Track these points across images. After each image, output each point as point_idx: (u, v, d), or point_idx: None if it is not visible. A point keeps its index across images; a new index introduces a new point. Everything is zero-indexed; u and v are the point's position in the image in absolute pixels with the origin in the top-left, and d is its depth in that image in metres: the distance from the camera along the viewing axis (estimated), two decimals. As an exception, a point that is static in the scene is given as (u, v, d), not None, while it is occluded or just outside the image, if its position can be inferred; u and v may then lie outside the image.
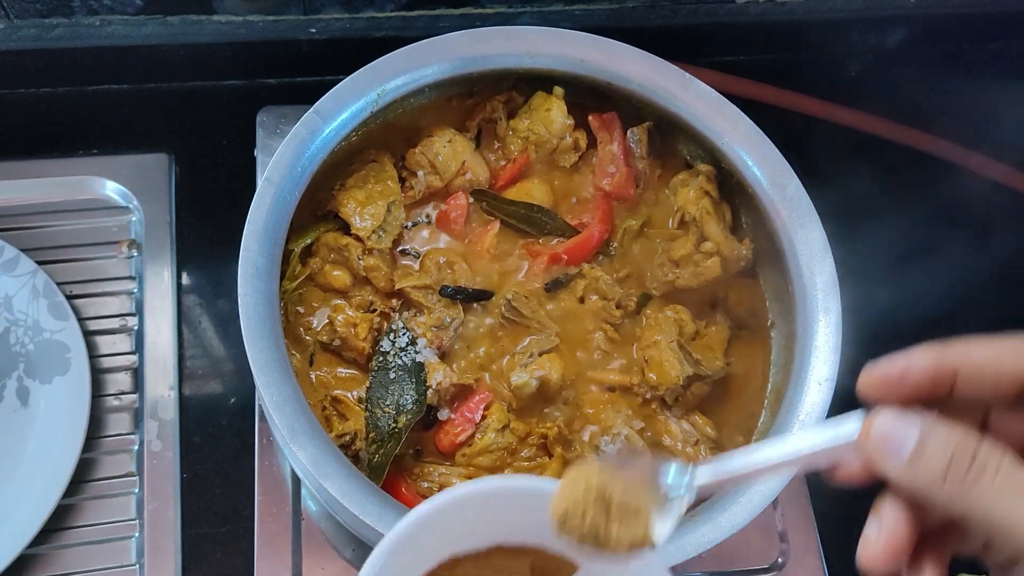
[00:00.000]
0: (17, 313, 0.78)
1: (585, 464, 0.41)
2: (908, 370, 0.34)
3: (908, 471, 0.32)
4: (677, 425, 0.68)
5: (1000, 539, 0.30)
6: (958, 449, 0.30)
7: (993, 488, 0.30)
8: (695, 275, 0.71)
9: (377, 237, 0.69)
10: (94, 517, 0.74)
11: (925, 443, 0.31)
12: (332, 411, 0.66)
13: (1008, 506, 0.29)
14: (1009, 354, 0.33)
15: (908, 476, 0.32)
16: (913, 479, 0.32)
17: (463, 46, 0.70)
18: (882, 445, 0.32)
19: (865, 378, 0.35)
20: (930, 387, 0.33)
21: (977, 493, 0.30)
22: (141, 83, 0.90)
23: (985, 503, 0.30)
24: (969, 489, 0.30)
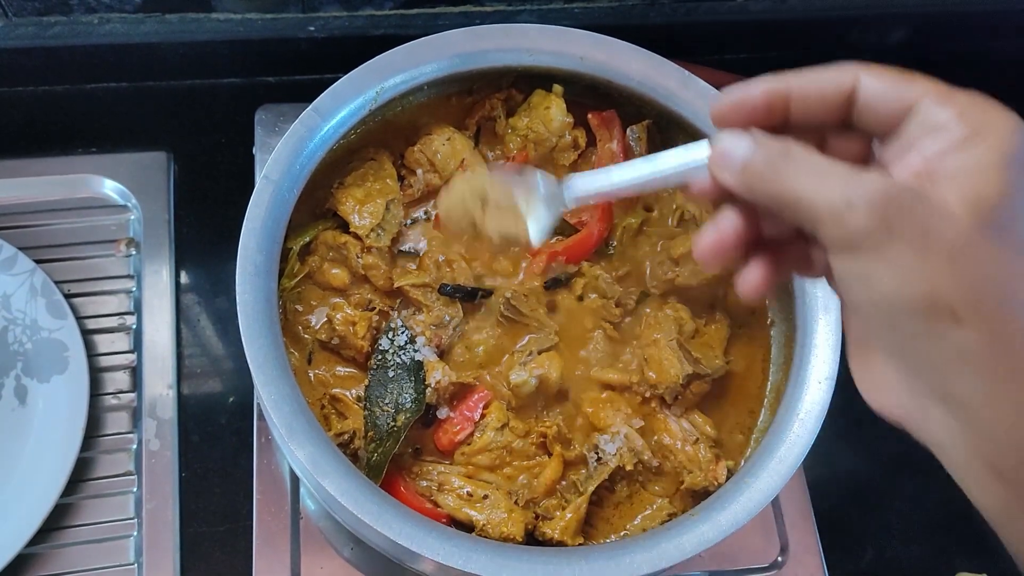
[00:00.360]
0: (15, 312, 0.78)
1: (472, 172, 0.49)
2: (745, 97, 0.39)
3: (739, 176, 0.38)
4: (676, 424, 0.68)
5: (799, 211, 0.36)
6: (775, 148, 0.37)
7: (796, 169, 0.36)
8: (695, 273, 0.71)
9: (376, 235, 0.69)
10: (92, 516, 0.74)
11: (753, 151, 0.37)
12: (331, 410, 0.66)
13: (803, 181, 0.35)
14: (831, 76, 0.38)
15: (740, 180, 0.38)
16: (743, 181, 0.38)
17: (462, 44, 0.70)
18: (721, 159, 0.38)
19: (711, 106, 0.40)
20: (766, 112, 0.39)
21: (784, 175, 0.36)
22: (140, 81, 0.90)
23: (789, 181, 0.36)
24: (778, 173, 0.36)
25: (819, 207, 0.35)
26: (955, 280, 0.33)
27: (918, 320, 0.34)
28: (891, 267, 0.34)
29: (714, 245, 0.40)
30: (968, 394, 0.34)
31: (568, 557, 0.57)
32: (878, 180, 0.34)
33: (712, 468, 0.66)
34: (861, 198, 0.34)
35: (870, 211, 0.33)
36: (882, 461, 0.86)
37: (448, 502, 0.64)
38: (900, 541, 0.83)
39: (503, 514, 0.63)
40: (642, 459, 0.66)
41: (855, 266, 0.35)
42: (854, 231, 0.34)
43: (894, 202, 0.33)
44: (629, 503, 0.67)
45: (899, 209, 0.33)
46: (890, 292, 0.34)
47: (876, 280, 0.34)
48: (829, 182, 0.35)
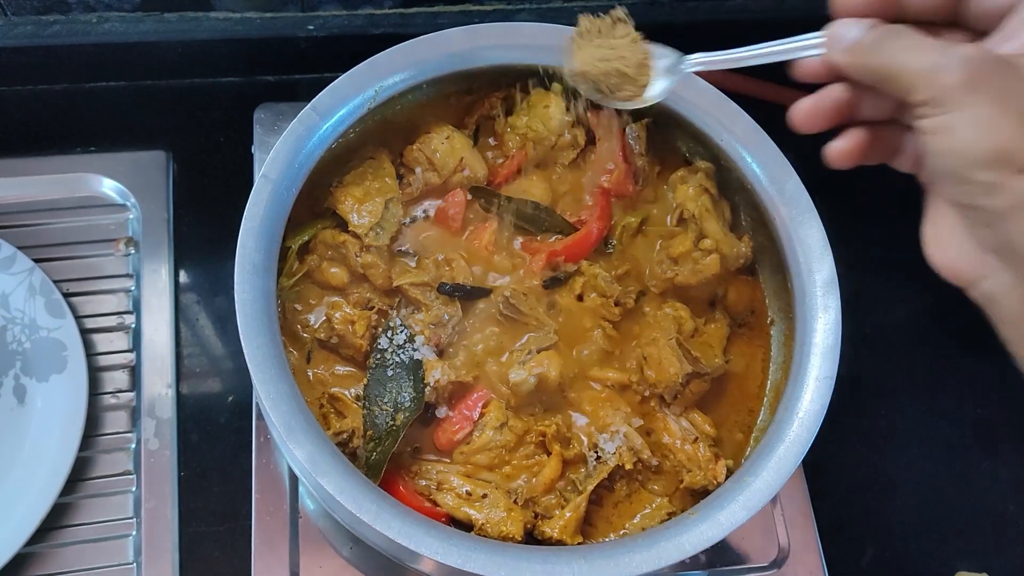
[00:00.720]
0: (14, 311, 0.78)
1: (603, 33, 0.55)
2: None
3: (849, 52, 0.42)
4: (676, 422, 0.68)
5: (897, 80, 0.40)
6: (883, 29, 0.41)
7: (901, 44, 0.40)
8: (694, 272, 0.71)
9: (375, 234, 0.69)
10: (91, 515, 0.74)
11: (863, 33, 0.42)
12: (329, 409, 0.66)
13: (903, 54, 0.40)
14: None
15: (849, 56, 0.42)
16: (851, 57, 0.42)
17: (461, 43, 0.70)
18: (835, 39, 0.43)
19: None
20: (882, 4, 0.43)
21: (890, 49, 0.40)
22: (138, 80, 0.90)
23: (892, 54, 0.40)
24: (886, 47, 0.41)
25: (915, 71, 0.39)
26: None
27: (988, 169, 0.37)
28: (971, 120, 0.37)
29: (809, 109, 0.45)
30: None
31: (567, 556, 0.56)
32: (970, 48, 0.39)
33: (711, 467, 0.66)
34: (951, 61, 0.38)
35: (959, 70, 0.38)
36: (882, 460, 0.86)
37: (447, 501, 0.64)
38: (900, 540, 0.83)
39: (502, 513, 0.63)
40: (641, 458, 0.66)
41: (939, 121, 0.38)
42: (943, 88, 0.38)
43: (982, 64, 0.38)
44: (628, 502, 0.67)
45: (985, 71, 0.37)
46: (967, 142, 0.38)
47: (957, 131, 0.38)
48: (928, 51, 0.39)
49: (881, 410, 0.88)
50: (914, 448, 0.87)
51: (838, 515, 0.80)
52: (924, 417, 0.88)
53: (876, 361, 0.89)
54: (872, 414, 0.88)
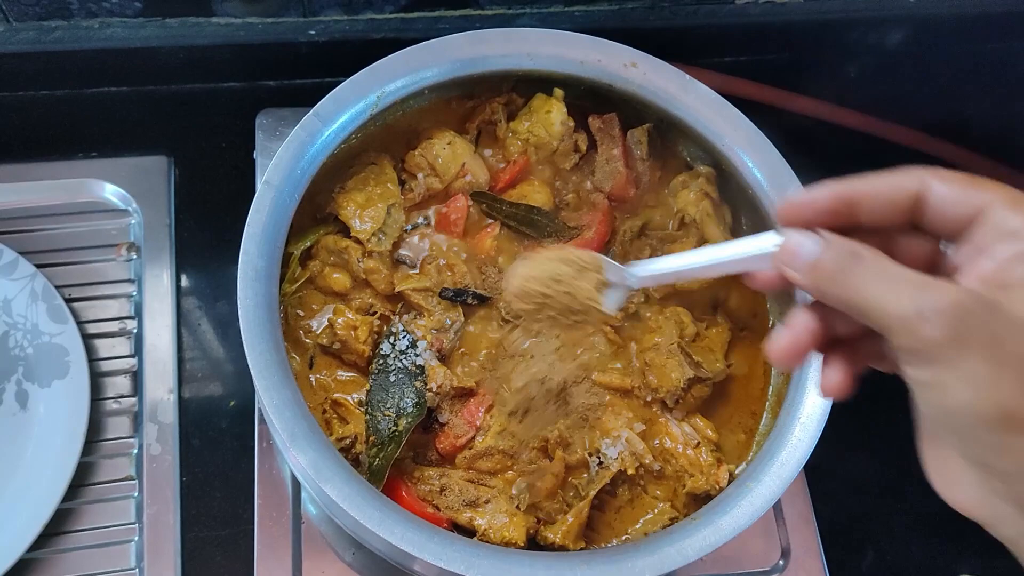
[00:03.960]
0: (16, 316, 0.78)
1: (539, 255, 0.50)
2: (813, 199, 0.40)
3: (808, 276, 0.38)
4: (678, 427, 0.68)
5: (871, 318, 0.36)
6: (844, 250, 0.37)
7: (865, 275, 0.36)
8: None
9: (377, 240, 0.69)
10: (93, 521, 0.74)
11: (822, 251, 0.38)
12: (332, 414, 0.66)
13: (874, 288, 0.36)
14: (898, 181, 0.39)
15: (808, 278, 0.38)
16: (811, 282, 0.38)
17: (462, 48, 0.70)
18: (788, 256, 0.39)
19: (780, 206, 0.41)
20: (833, 213, 0.39)
21: (854, 279, 0.36)
22: (140, 85, 0.90)
23: (859, 286, 0.36)
24: (848, 277, 0.37)
25: (890, 316, 0.35)
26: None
27: (993, 432, 0.34)
28: (965, 379, 0.34)
29: (789, 348, 0.41)
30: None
31: (570, 561, 0.57)
32: (950, 290, 0.34)
33: (714, 472, 0.66)
34: (933, 309, 0.34)
35: (942, 323, 0.33)
36: (884, 464, 0.86)
37: (450, 506, 0.64)
38: (902, 544, 0.83)
39: (505, 518, 0.63)
40: (643, 463, 0.66)
41: (928, 375, 0.35)
42: (927, 342, 0.34)
43: (967, 313, 0.33)
44: (631, 507, 0.67)
45: (972, 321, 0.33)
46: (964, 404, 0.34)
47: (950, 391, 0.34)
48: (900, 290, 0.35)
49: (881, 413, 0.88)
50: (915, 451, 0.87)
51: (840, 518, 0.80)
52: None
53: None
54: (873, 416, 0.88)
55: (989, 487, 0.37)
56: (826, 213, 0.39)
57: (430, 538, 0.55)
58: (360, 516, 0.55)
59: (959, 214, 0.37)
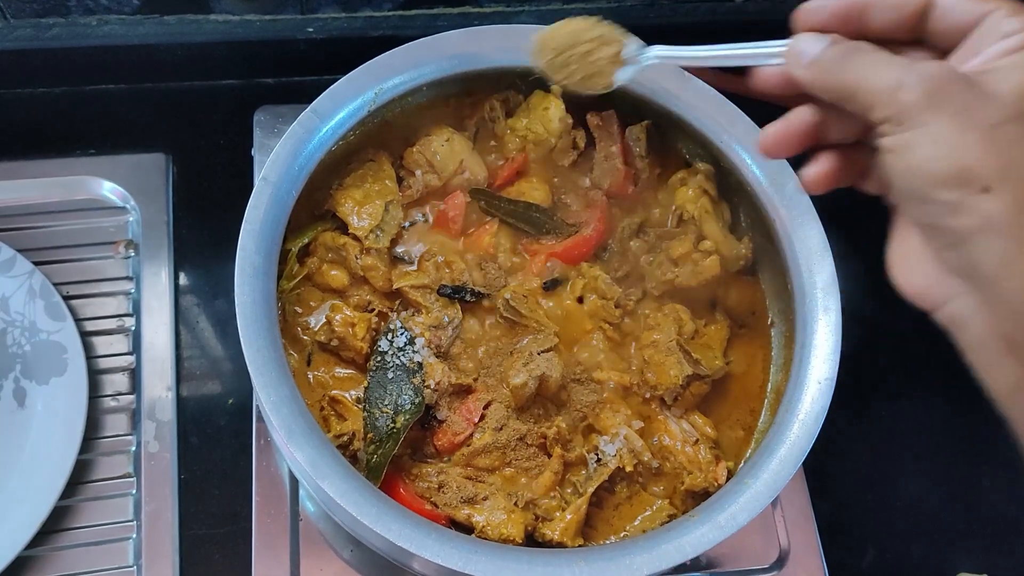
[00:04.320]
0: (14, 314, 0.78)
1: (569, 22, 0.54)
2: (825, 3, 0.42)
3: (809, 68, 0.41)
4: (676, 425, 0.68)
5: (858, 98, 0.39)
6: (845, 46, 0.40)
7: (862, 60, 0.39)
8: (694, 274, 0.71)
9: (375, 236, 0.69)
10: (91, 518, 0.74)
11: (824, 49, 0.41)
12: (330, 411, 0.66)
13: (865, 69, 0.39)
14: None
15: (809, 72, 0.41)
16: (811, 73, 0.41)
17: (461, 45, 0.70)
18: (796, 53, 0.42)
19: (797, 13, 0.43)
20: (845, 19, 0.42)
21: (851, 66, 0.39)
22: (138, 83, 0.90)
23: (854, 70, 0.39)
24: (846, 64, 0.39)
25: (876, 88, 0.38)
26: (989, 154, 0.36)
27: (950, 189, 0.37)
28: (932, 138, 0.37)
29: (776, 135, 0.44)
30: (991, 264, 0.37)
31: (568, 558, 0.56)
32: (932, 65, 0.38)
33: (712, 469, 0.66)
34: (913, 78, 0.37)
35: (919, 89, 0.37)
36: (883, 461, 0.86)
37: (447, 503, 0.63)
38: (901, 541, 0.83)
39: (503, 515, 0.63)
40: (642, 460, 0.66)
41: (900, 139, 0.38)
42: (903, 106, 0.37)
43: (943, 83, 0.37)
44: (629, 504, 0.67)
45: (946, 88, 0.36)
46: (928, 161, 0.37)
47: (918, 149, 0.37)
48: (888, 68, 0.38)
49: (882, 411, 0.88)
50: (915, 449, 0.87)
51: (839, 516, 0.80)
52: (925, 418, 0.88)
53: (877, 362, 0.89)
54: (873, 415, 0.88)
55: (941, 259, 0.39)
56: (838, 18, 0.42)
57: (428, 535, 0.55)
58: (358, 513, 0.55)
59: (963, 21, 0.39)
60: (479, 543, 0.58)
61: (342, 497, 0.55)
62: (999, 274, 0.36)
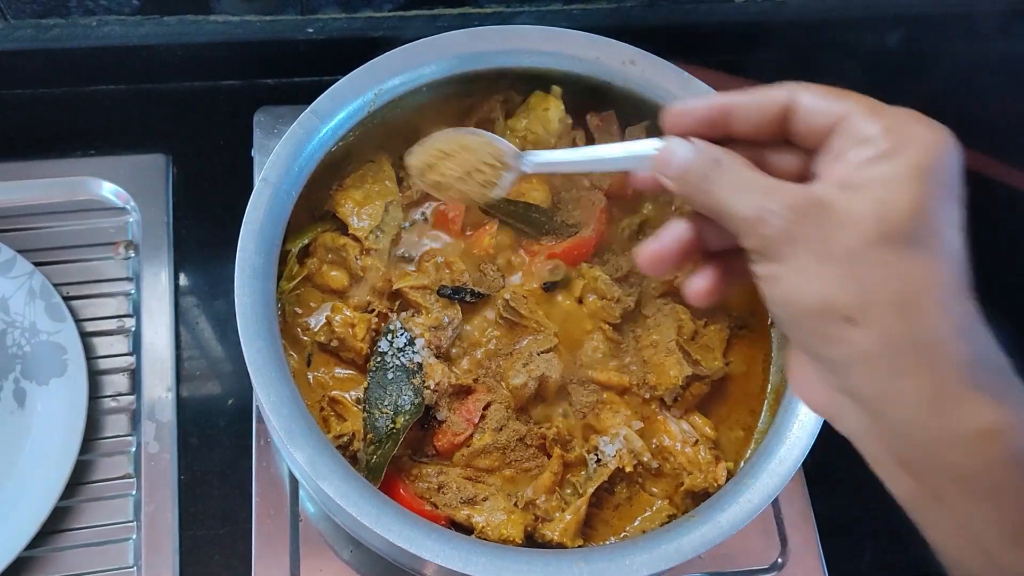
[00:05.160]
0: (14, 315, 0.78)
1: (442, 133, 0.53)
2: (693, 108, 0.42)
3: (678, 180, 0.41)
4: (676, 425, 0.68)
5: (725, 221, 0.39)
6: (708, 157, 0.40)
7: (722, 180, 0.39)
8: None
9: (375, 237, 0.69)
10: (91, 519, 0.74)
11: (690, 157, 0.40)
12: (330, 412, 0.66)
13: (727, 192, 0.39)
14: (770, 92, 0.40)
15: (678, 184, 0.41)
16: (680, 185, 0.41)
17: (460, 45, 0.70)
18: (664, 161, 0.42)
19: (664, 113, 0.43)
20: (709, 123, 0.41)
21: (713, 185, 0.39)
22: (138, 83, 0.90)
23: (717, 191, 0.39)
24: (709, 183, 0.39)
25: (737, 218, 0.38)
26: (850, 285, 0.35)
27: (817, 321, 0.37)
28: (794, 272, 0.37)
29: (652, 255, 0.44)
30: (869, 391, 0.37)
31: (568, 559, 0.56)
32: (790, 192, 0.37)
33: (712, 470, 0.66)
34: (771, 209, 0.37)
35: (777, 222, 0.37)
36: (882, 462, 0.86)
37: (447, 504, 0.63)
38: (900, 542, 0.83)
39: (502, 516, 0.63)
40: (642, 461, 0.66)
41: (767, 270, 0.38)
42: (765, 240, 0.37)
43: (800, 213, 0.36)
44: (629, 505, 0.67)
45: (805, 220, 0.36)
46: (792, 294, 0.37)
47: (782, 283, 0.37)
48: (748, 193, 0.38)
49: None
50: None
51: (838, 517, 0.80)
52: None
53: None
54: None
55: (828, 381, 0.39)
56: (704, 122, 0.41)
57: (428, 535, 0.55)
58: (358, 513, 0.55)
59: (822, 123, 0.38)
60: (479, 544, 0.58)
61: (342, 498, 0.55)
62: (879, 401, 0.37)
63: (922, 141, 0.36)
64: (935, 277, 0.35)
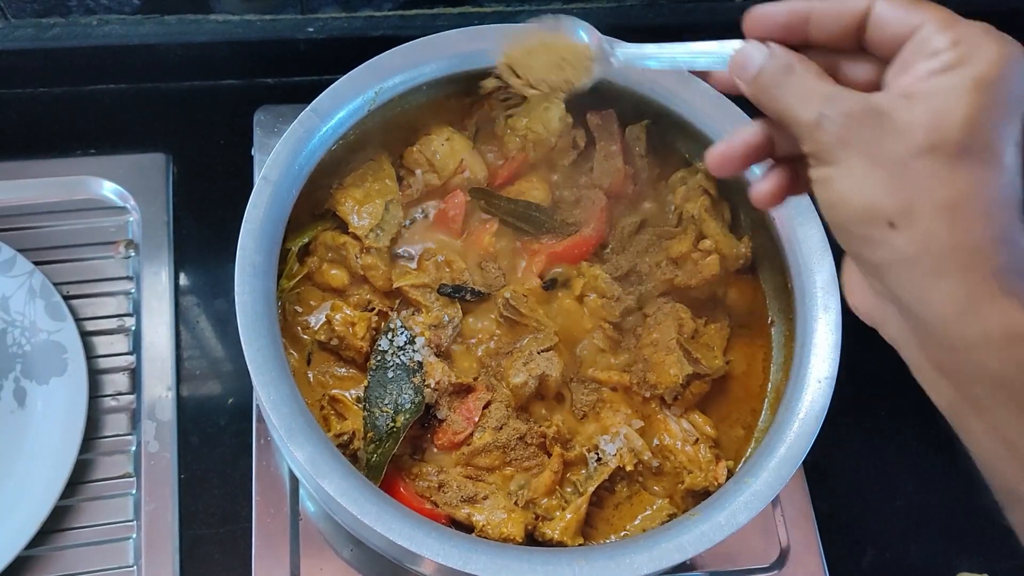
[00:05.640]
0: (14, 314, 0.78)
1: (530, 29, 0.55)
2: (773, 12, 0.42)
3: (751, 84, 0.42)
4: (676, 424, 0.68)
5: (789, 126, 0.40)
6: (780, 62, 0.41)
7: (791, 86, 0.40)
8: (694, 273, 0.71)
9: (375, 236, 0.69)
10: (92, 518, 0.74)
11: (766, 62, 0.41)
12: (330, 410, 0.66)
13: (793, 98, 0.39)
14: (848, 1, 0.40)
15: (750, 87, 0.42)
16: (752, 88, 0.42)
17: (461, 44, 0.70)
18: (739, 64, 0.42)
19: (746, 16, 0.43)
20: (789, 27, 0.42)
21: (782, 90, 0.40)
22: (138, 83, 0.90)
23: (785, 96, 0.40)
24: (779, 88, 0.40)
25: (800, 122, 0.39)
26: (895, 191, 0.36)
27: (861, 224, 0.38)
28: (844, 176, 0.38)
29: (721, 155, 0.44)
30: (908, 295, 0.38)
31: (568, 557, 0.56)
32: (849, 99, 0.38)
33: (712, 468, 0.66)
34: (829, 115, 0.38)
35: (834, 128, 0.38)
36: (882, 461, 0.86)
37: (448, 502, 0.63)
38: (900, 541, 0.83)
39: (503, 514, 0.63)
40: (642, 459, 0.66)
41: (820, 173, 0.39)
42: (821, 144, 0.38)
43: (856, 120, 0.37)
44: (629, 503, 0.67)
45: (859, 126, 0.37)
46: (840, 197, 0.38)
47: (832, 186, 0.38)
48: (811, 100, 0.39)
49: (881, 410, 0.88)
50: (915, 448, 0.87)
51: (839, 516, 0.80)
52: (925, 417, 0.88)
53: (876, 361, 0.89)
54: (872, 414, 0.88)
55: (873, 286, 0.40)
56: (783, 27, 0.42)
57: (428, 534, 0.55)
58: (358, 512, 0.55)
59: (896, 32, 0.39)
60: (479, 542, 0.58)
61: (342, 496, 0.55)
62: (916, 304, 0.38)
63: (988, 54, 0.36)
64: (982, 188, 0.36)
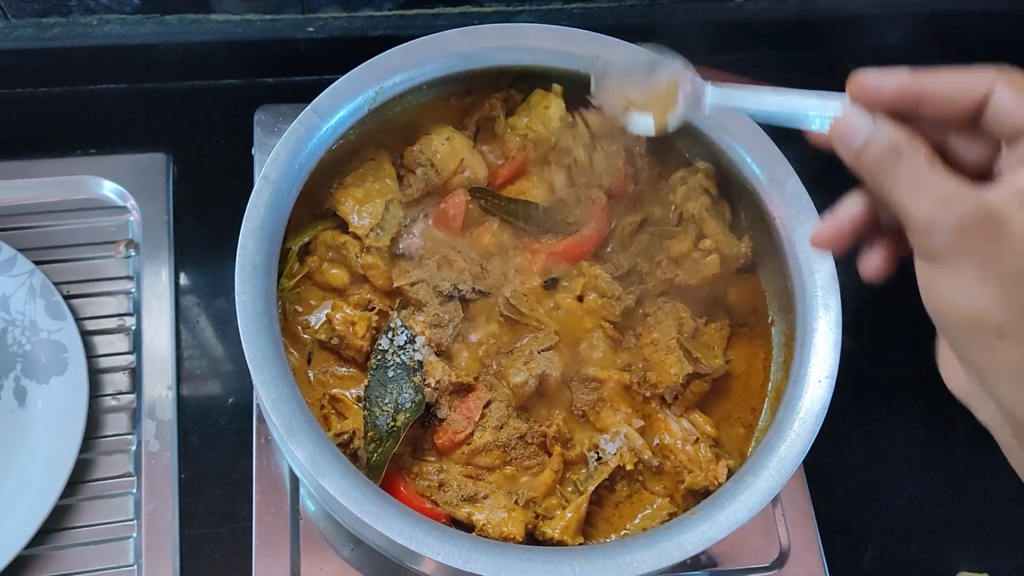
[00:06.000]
0: (14, 313, 0.78)
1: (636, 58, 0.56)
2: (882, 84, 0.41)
3: (854, 157, 0.40)
4: (677, 423, 0.68)
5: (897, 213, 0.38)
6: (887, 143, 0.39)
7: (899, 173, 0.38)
8: (694, 273, 0.71)
9: (375, 235, 0.69)
10: (92, 518, 0.74)
11: (871, 136, 0.39)
12: (330, 410, 0.66)
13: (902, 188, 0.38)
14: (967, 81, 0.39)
15: (854, 161, 0.40)
16: (856, 163, 0.40)
17: (461, 43, 0.70)
18: (841, 133, 0.41)
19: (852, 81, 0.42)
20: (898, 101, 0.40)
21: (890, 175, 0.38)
22: (138, 82, 0.90)
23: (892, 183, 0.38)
24: (885, 171, 0.39)
25: (909, 216, 0.38)
26: (1007, 304, 0.36)
27: (967, 331, 0.38)
28: (953, 283, 0.37)
29: (829, 235, 0.44)
30: (1008, 399, 0.38)
31: (568, 556, 0.56)
32: (963, 202, 0.36)
33: (712, 467, 0.66)
34: (944, 219, 0.36)
35: (947, 234, 0.36)
36: (883, 460, 0.86)
37: (448, 502, 0.64)
38: (900, 541, 0.83)
39: (503, 514, 0.63)
40: (642, 458, 0.66)
41: (929, 273, 0.38)
42: (933, 247, 0.37)
43: (971, 228, 0.36)
44: (629, 503, 0.67)
45: (974, 235, 0.36)
46: (946, 301, 0.38)
47: (940, 290, 0.38)
48: (922, 195, 0.37)
49: (882, 410, 0.88)
50: (915, 448, 0.87)
51: (839, 515, 0.80)
52: (925, 417, 0.88)
53: (877, 361, 0.89)
54: (873, 414, 0.88)
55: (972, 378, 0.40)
56: (892, 99, 0.40)
57: (428, 533, 0.55)
58: (358, 511, 0.55)
59: (1017, 126, 0.38)
60: (479, 541, 0.58)
61: (343, 495, 0.55)
62: (1016, 408, 0.38)
63: None
64: None
